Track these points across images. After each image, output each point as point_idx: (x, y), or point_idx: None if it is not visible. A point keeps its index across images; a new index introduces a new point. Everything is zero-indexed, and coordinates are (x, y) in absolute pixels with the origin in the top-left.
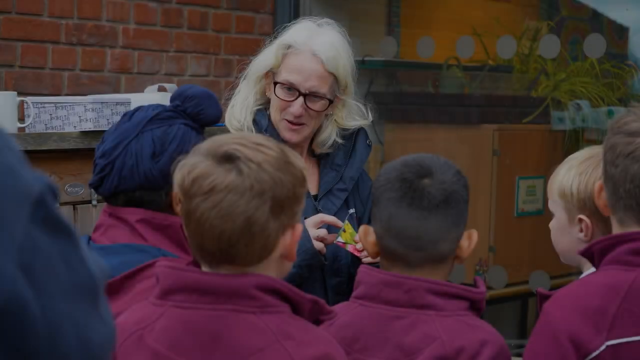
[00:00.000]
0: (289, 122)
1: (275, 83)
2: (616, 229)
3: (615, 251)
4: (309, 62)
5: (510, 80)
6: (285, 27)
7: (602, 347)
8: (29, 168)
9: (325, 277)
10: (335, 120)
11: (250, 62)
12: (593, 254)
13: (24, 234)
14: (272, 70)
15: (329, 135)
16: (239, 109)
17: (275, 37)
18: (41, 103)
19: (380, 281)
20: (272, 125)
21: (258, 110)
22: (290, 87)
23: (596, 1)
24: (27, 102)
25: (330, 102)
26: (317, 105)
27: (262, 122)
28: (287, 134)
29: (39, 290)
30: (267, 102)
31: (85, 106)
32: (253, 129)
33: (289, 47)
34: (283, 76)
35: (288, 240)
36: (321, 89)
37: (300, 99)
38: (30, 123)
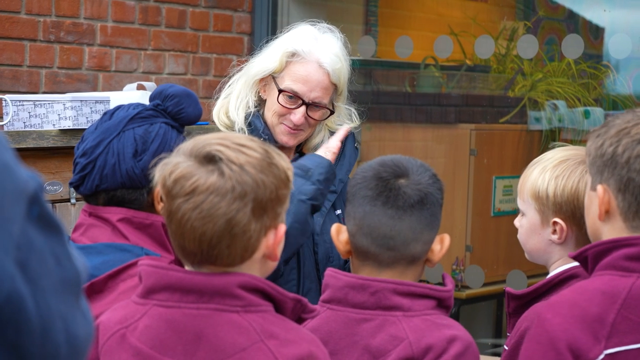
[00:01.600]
0: (288, 126)
1: (280, 91)
2: (616, 234)
3: (610, 256)
4: (316, 73)
5: (487, 80)
6: (287, 30)
7: (601, 356)
8: (22, 166)
9: (321, 279)
10: (326, 124)
11: (246, 62)
12: (587, 258)
13: (20, 231)
14: (272, 75)
15: (321, 140)
16: (233, 109)
17: (271, 39)
18: (20, 101)
19: (346, 284)
20: (267, 128)
21: (252, 112)
22: (294, 96)
23: (572, 2)
24: (5, 100)
25: (331, 112)
26: (318, 114)
27: (257, 124)
28: (284, 138)
29: (33, 286)
30: (261, 104)
31: (64, 104)
32: (246, 130)
33: (294, 54)
34: (287, 84)
35: (271, 241)
36: (324, 99)
37: (303, 108)
38: (9, 121)
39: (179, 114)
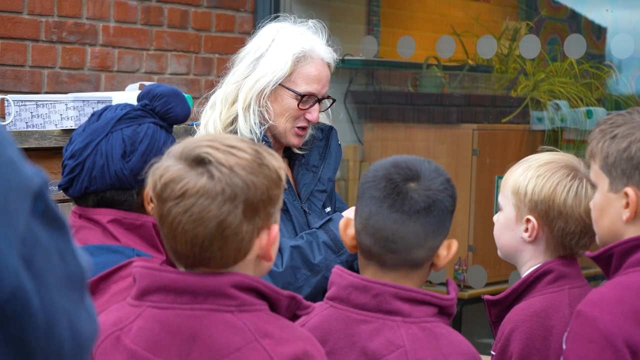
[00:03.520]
0: (300, 127)
1: (302, 96)
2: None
3: None
4: (323, 69)
5: (489, 80)
6: (258, 34)
7: None
8: (26, 162)
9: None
10: None
11: (235, 75)
12: (611, 256)
13: (25, 227)
14: (279, 81)
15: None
16: (244, 125)
17: (241, 52)
18: (22, 101)
19: (350, 284)
20: (266, 135)
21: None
22: (309, 96)
23: (575, 2)
24: (8, 100)
25: (334, 100)
26: (324, 106)
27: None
28: (296, 140)
29: (38, 282)
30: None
31: (66, 104)
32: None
33: (301, 56)
34: (305, 87)
35: (264, 242)
36: (327, 90)
37: (317, 105)
38: (11, 121)
39: (167, 114)
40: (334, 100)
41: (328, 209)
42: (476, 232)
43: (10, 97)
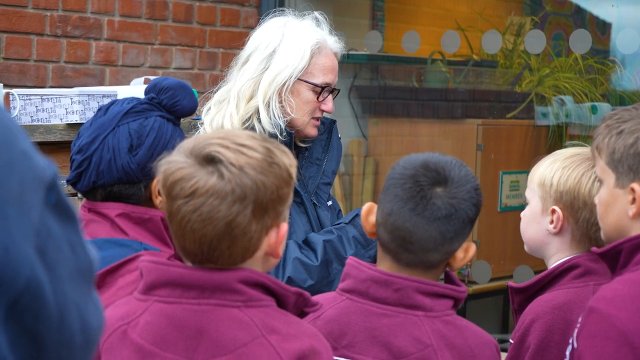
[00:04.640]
0: (316, 118)
1: (322, 87)
2: None
3: None
4: (334, 59)
5: (494, 75)
6: (260, 29)
7: None
8: (38, 153)
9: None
10: None
11: (248, 70)
12: (619, 253)
13: (39, 218)
14: (298, 75)
15: None
16: (266, 120)
17: (244, 48)
18: (27, 95)
19: (369, 277)
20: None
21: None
22: (326, 87)
23: None
24: (12, 94)
25: (338, 91)
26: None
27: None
28: (314, 131)
29: (51, 273)
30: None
31: (71, 98)
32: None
33: (316, 48)
34: (322, 79)
35: (273, 240)
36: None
37: (331, 95)
38: (16, 115)
39: (173, 107)
40: (338, 91)
41: (330, 203)
42: (481, 228)
43: (15, 91)
